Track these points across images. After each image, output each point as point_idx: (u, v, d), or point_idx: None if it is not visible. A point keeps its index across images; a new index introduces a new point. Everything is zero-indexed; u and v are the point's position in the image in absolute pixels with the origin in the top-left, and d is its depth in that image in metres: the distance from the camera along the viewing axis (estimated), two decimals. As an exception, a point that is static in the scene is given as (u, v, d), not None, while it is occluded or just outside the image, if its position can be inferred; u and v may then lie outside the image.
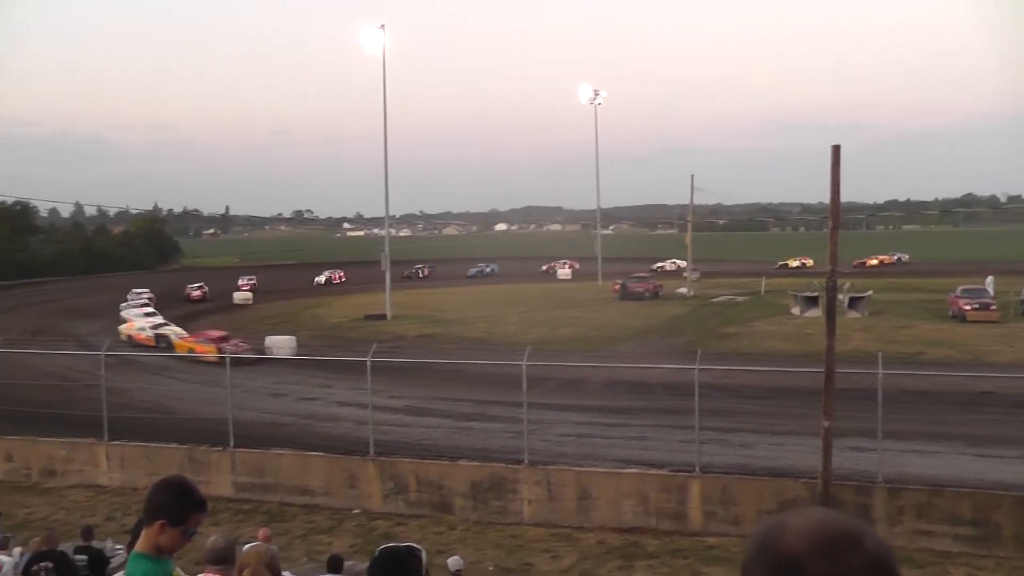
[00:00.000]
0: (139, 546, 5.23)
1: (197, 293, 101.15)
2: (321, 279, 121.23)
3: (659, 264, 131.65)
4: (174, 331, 62.44)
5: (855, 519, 2.00)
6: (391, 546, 5.18)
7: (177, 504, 5.15)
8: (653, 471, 23.97)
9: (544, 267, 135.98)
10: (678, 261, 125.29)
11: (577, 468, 24.75)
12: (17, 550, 17.10)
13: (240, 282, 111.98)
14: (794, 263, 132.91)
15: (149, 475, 27.46)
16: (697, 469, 22.92)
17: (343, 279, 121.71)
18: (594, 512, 23.46)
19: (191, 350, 52.62)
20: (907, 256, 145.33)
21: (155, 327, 63.71)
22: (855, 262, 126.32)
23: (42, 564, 15.63)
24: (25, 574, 15.81)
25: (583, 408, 34.96)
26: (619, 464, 25.39)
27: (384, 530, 24.07)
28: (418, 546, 4.31)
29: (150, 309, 77.05)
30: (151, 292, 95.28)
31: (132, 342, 61.26)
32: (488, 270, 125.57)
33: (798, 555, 1.92)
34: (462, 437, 31.53)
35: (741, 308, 76.27)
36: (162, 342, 60.27)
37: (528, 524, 23.84)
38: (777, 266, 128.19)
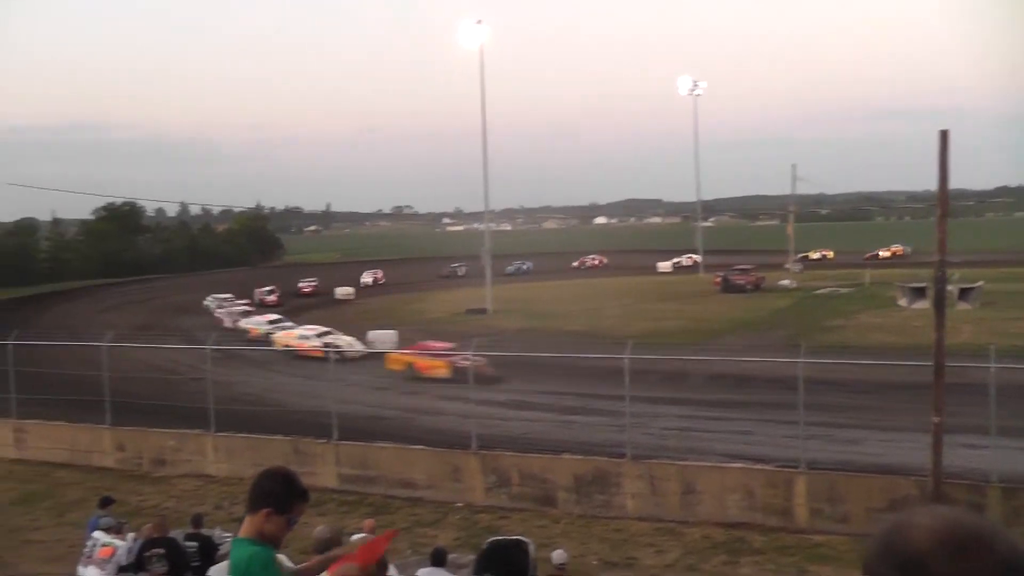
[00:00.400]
0: (243, 532, 5.36)
1: (308, 288, 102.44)
2: (368, 279, 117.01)
3: (676, 260, 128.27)
4: (344, 340, 52.31)
5: (986, 519, 1.97)
6: (499, 539, 5.22)
7: (284, 493, 5.31)
8: (758, 466, 23.79)
9: (575, 263, 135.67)
10: (694, 256, 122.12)
11: (680, 462, 24.66)
12: (131, 535, 17.45)
13: (364, 275, 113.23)
14: (885, 253, 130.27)
15: (255, 466, 27.87)
16: (803, 465, 22.71)
17: (381, 280, 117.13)
18: (698, 507, 23.35)
19: (410, 365, 44.59)
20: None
21: (320, 335, 54.88)
22: (867, 255, 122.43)
23: (154, 550, 15.97)
24: (138, 559, 16.16)
25: (686, 402, 34.82)
26: (723, 459, 25.21)
27: (487, 523, 24.17)
28: (526, 540, 4.32)
29: (245, 307, 77.26)
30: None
31: (294, 354, 51.24)
32: (525, 267, 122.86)
33: (924, 554, 1.88)
34: (565, 431, 31.54)
35: (845, 300, 75.29)
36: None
37: (632, 518, 23.80)
38: (867, 256, 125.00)
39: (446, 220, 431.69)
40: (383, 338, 53.40)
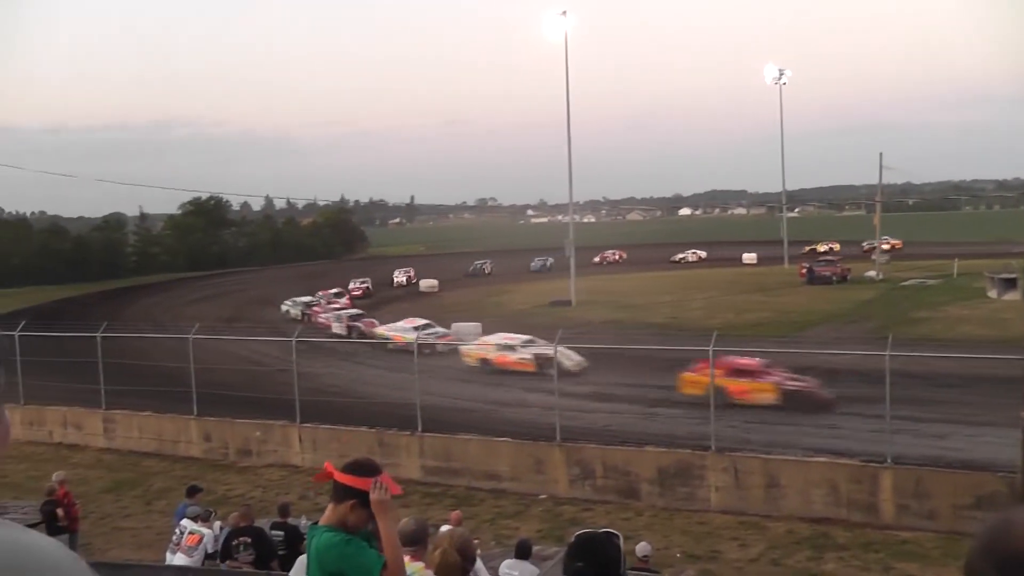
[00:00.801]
0: (325, 520, 5.49)
1: (402, 279, 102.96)
2: (401, 278, 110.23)
3: (681, 255, 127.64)
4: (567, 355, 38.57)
5: None
6: (589, 531, 5.21)
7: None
8: (843, 460, 23.54)
9: (596, 259, 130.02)
10: (698, 252, 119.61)
11: (764, 456, 24.49)
12: (217, 524, 17.70)
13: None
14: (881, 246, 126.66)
15: (340, 457, 27.84)
16: (889, 460, 22.44)
17: (414, 279, 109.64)
18: (782, 501, 23.17)
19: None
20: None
21: (525, 343, 45.99)
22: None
23: (241, 539, 16.17)
24: (225, 547, 16.38)
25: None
26: (808, 452, 25.00)
27: (571, 515, 24.17)
28: (616, 532, 4.33)
29: (342, 302, 77.13)
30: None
31: (487, 367, 43.97)
32: (549, 263, 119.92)
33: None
34: (648, 423, 31.45)
35: (932, 291, 74.17)
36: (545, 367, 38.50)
37: (715, 511, 23.70)
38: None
39: (530, 212, 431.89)
40: (467, 330, 53.50)
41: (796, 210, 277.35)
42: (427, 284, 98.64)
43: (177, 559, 17.09)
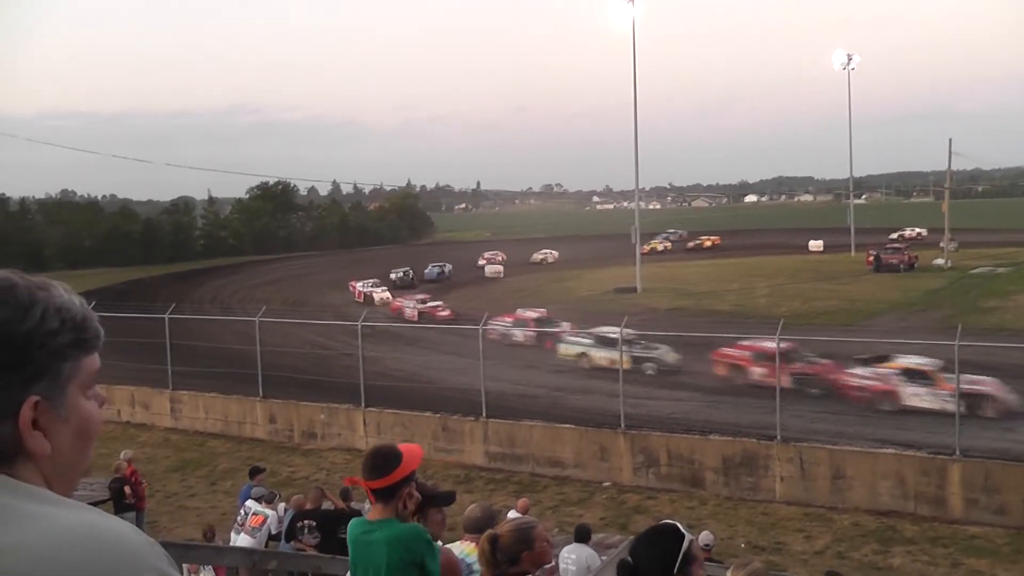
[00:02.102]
0: (379, 515, 5.61)
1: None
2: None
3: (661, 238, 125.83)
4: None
5: None
6: (653, 526, 5.12)
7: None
8: (911, 452, 23.24)
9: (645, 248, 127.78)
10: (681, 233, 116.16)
11: (831, 446, 24.24)
12: (282, 506, 17.82)
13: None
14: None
15: (404, 441, 28.11)
16: (957, 452, 22.16)
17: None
18: (849, 492, 22.96)
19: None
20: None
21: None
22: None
23: (306, 521, 16.26)
24: (289, 529, 16.48)
25: (837, 384, 34.13)
26: (875, 444, 24.69)
27: (635, 504, 24.14)
28: (684, 530, 4.23)
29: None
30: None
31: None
32: (447, 270, 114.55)
33: None
34: (713, 411, 31.24)
35: (1002, 280, 73.09)
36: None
37: (780, 502, 23.55)
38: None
39: (596, 198, 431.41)
40: (531, 317, 53.40)
41: (863, 197, 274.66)
42: (492, 270, 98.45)
43: (241, 539, 17.22)
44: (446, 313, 60.73)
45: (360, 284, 78.57)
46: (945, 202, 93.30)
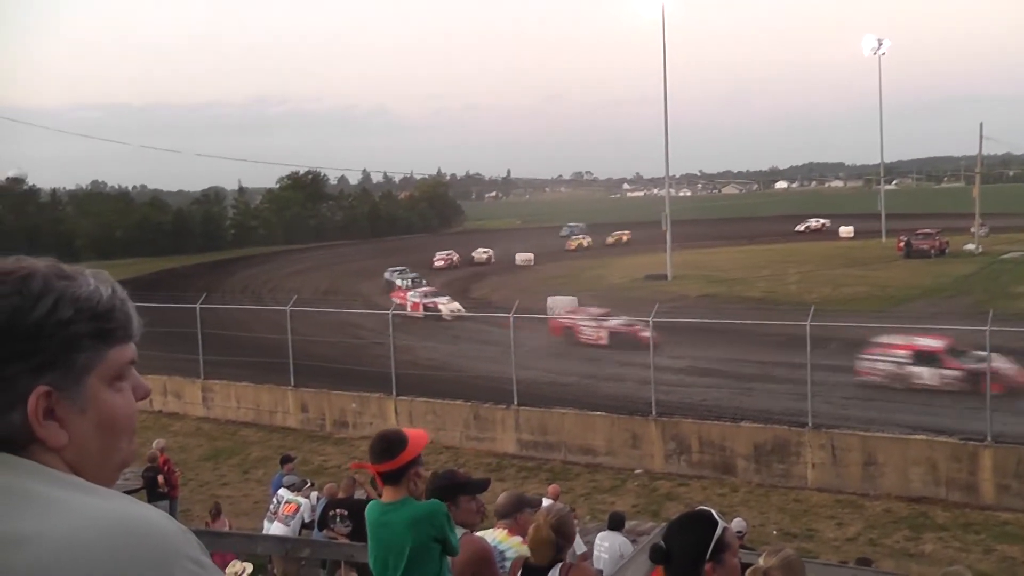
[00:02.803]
0: (393, 497, 5.72)
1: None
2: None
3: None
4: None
5: None
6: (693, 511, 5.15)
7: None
8: (942, 438, 23.13)
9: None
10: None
11: (862, 433, 24.17)
12: (314, 494, 17.92)
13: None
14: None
15: (436, 430, 28.40)
16: (989, 438, 22.06)
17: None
18: (880, 479, 22.91)
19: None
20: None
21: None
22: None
23: (338, 510, 16.35)
24: (321, 518, 16.59)
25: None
26: (906, 430, 24.59)
27: (666, 491, 24.16)
28: (717, 517, 4.24)
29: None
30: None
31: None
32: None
33: None
34: (744, 398, 31.17)
35: (1035, 265, 72.66)
36: None
37: (812, 489, 23.51)
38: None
39: (626, 185, 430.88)
40: (562, 304, 53.26)
41: (894, 183, 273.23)
42: (523, 257, 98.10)
43: (274, 528, 17.34)
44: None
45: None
46: (976, 187, 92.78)
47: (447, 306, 57.91)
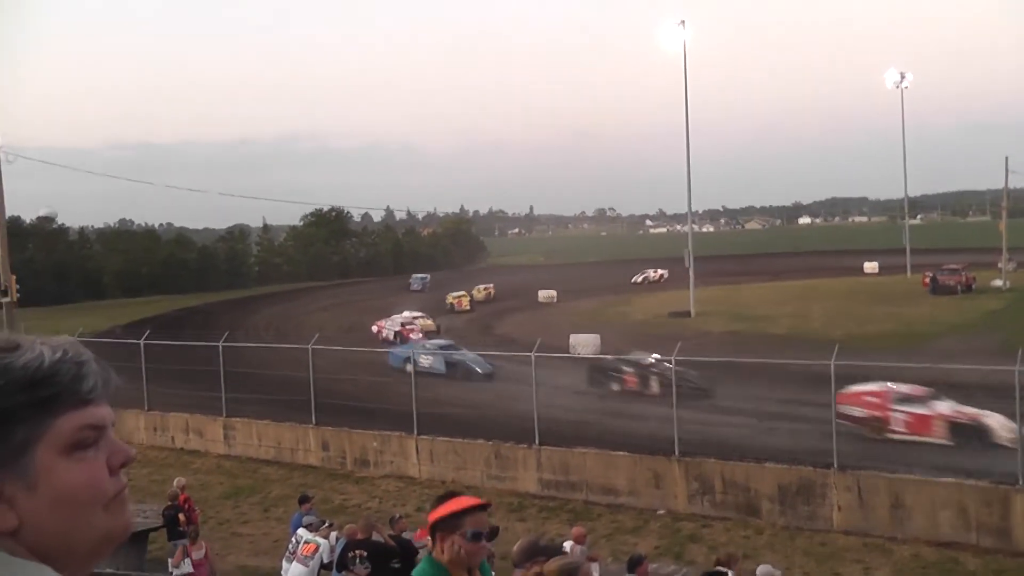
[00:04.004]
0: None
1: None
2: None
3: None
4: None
5: None
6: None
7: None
8: (972, 482, 22.79)
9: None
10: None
11: (889, 475, 23.84)
12: (333, 534, 17.81)
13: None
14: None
15: (457, 469, 28.32)
16: (1021, 481, 21.72)
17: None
18: (908, 522, 22.55)
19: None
20: None
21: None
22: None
23: (357, 551, 16.23)
24: (340, 559, 16.49)
25: (894, 410, 33.60)
26: (934, 472, 24.25)
27: (690, 532, 23.92)
28: None
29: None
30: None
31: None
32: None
33: None
34: (768, 437, 30.88)
35: (1064, 301, 72.13)
36: None
37: (838, 531, 23.20)
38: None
39: (648, 222, 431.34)
40: (585, 342, 53.12)
41: (919, 217, 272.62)
42: (545, 294, 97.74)
43: (293, 568, 17.27)
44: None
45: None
46: (1003, 221, 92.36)
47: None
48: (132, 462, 1.73)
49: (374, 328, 66.37)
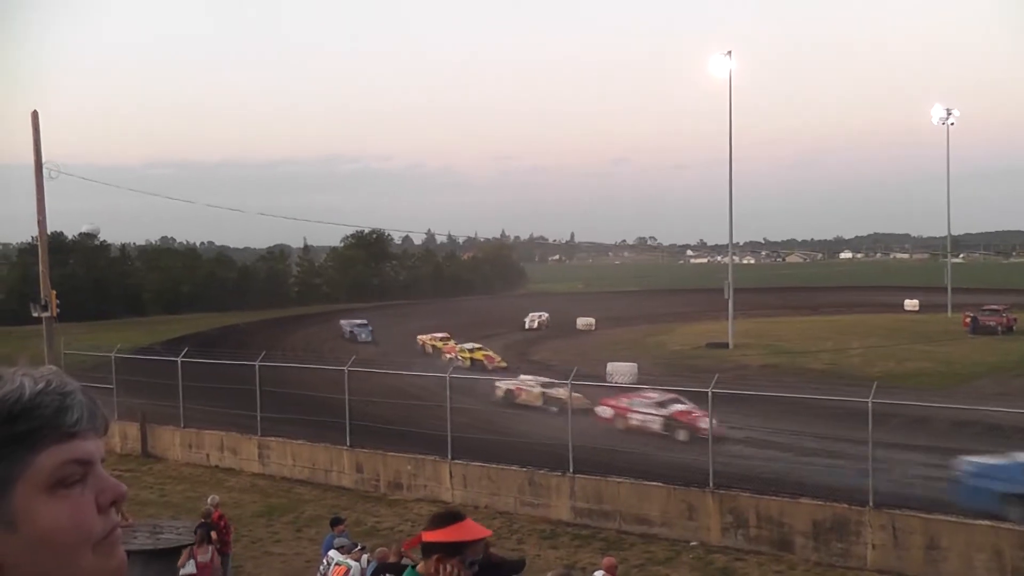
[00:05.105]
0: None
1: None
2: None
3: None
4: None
5: None
6: None
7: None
8: (1008, 525, 22.59)
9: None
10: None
11: (924, 515, 23.64)
12: (364, 557, 17.79)
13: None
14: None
15: (490, 495, 28.28)
16: (1054, 527, 21.51)
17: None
18: (943, 564, 22.33)
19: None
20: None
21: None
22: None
23: (387, 575, 16.21)
24: (370, 583, 16.46)
25: (930, 449, 33.35)
26: (969, 514, 24.06)
27: (722, 565, 23.81)
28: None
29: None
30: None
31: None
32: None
33: None
34: (803, 472, 30.74)
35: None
36: None
37: (871, 570, 23.02)
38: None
39: (689, 252, 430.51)
40: (622, 370, 53.00)
41: (961, 256, 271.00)
42: (584, 322, 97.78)
43: (324, 591, 17.23)
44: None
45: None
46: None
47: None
48: (124, 499, 1.63)
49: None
